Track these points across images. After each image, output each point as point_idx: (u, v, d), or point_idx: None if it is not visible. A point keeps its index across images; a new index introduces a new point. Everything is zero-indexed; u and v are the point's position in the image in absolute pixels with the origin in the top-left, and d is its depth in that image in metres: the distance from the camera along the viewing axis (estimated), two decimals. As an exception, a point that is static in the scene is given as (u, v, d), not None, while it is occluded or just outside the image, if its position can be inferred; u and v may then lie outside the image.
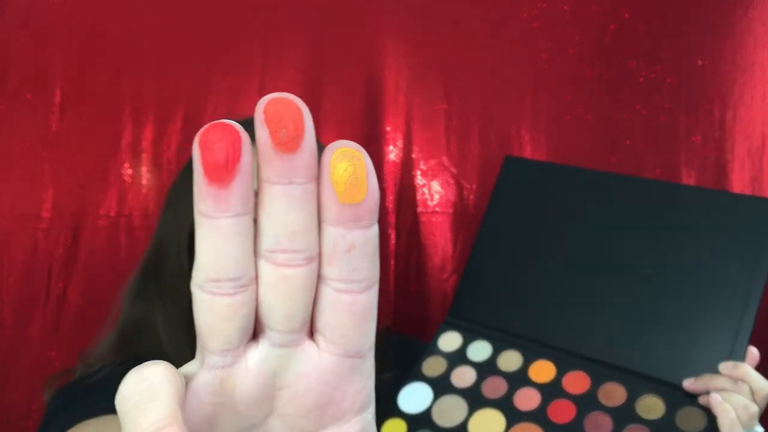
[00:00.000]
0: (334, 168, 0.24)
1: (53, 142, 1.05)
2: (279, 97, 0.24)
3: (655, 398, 0.70)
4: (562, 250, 0.80)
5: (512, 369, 0.76)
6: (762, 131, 1.06)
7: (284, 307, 0.25)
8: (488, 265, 0.84)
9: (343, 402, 0.27)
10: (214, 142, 0.24)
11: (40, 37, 1.05)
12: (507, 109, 1.09)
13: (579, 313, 0.77)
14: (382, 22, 1.09)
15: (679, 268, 0.75)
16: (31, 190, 1.05)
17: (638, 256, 0.77)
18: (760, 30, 1.07)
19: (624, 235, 0.78)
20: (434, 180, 1.09)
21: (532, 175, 0.88)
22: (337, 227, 0.24)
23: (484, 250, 0.85)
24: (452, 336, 0.81)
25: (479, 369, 0.77)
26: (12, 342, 1.04)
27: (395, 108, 1.09)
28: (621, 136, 1.07)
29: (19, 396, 1.04)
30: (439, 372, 0.77)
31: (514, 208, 0.86)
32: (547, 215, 0.83)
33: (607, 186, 0.82)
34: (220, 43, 1.07)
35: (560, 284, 0.79)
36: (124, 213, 1.06)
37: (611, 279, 0.77)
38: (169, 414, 0.22)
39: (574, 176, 0.85)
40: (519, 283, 0.81)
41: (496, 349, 0.78)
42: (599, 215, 0.80)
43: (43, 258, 1.04)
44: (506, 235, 0.85)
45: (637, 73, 1.07)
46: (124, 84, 1.06)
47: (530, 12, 1.08)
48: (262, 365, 0.26)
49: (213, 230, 0.24)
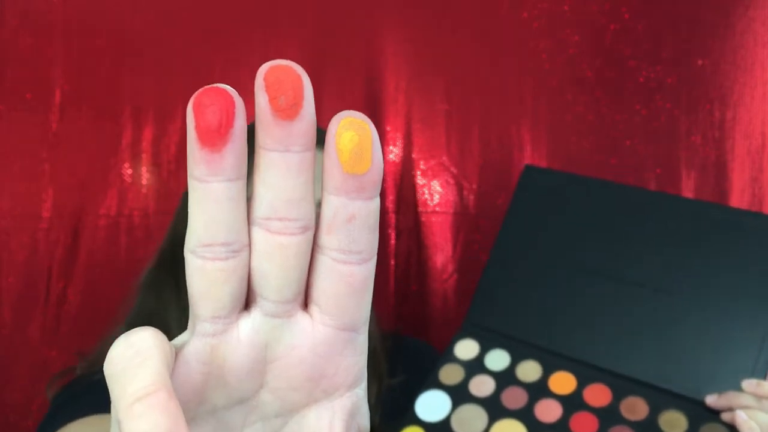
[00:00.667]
0: (339, 137, 0.24)
1: (53, 141, 1.05)
2: (279, 64, 0.24)
3: (677, 413, 0.69)
4: (581, 261, 0.80)
5: (531, 379, 0.75)
6: (762, 131, 1.06)
7: (278, 276, 0.25)
8: (505, 273, 0.83)
9: (336, 376, 0.27)
10: (207, 105, 0.24)
11: (39, 37, 1.05)
12: (507, 108, 1.09)
13: (598, 325, 0.76)
14: (382, 22, 1.09)
15: (701, 283, 0.74)
16: (31, 190, 1.05)
17: (660, 270, 0.76)
18: (760, 30, 1.07)
19: (645, 249, 0.78)
20: (434, 180, 1.09)
21: (552, 185, 0.87)
22: (339, 196, 0.24)
23: (501, 257, 0.84)
24: (469, 344, 0.79)
25: (498, 378, 0.75)
26: (12, 342, 1.04)
27: (395, 108, 1.09)
28: (621, 135, 1.07)
29: (19, 396, 1.04)
30: (456, 380, 0.76)
31: (533, 216, 0.85)
32: (566, 225, 0.83)
33: (628, 199, 0.82)
34: (220, 43, 1.07)
35: (579, 295, 0.78)
36: (124, 213, 1.06)
37: (632, 292, 0.76)
38: (157, 379, 0.21)
39: (594, 188, 0.84)
40: (537, 293, 0.81)
41: (515, 359, 0.77)
42: (620, 228, 0.80)
43: (43, 258, 1.04)
44: (524, 243, 0.84)
45: (637, 73, 1.07)
46: (124, 84, 1.06)
47: (530, 12, 1.08)
48: (254, 336, 0.26)
49: (205, 195, 0.24)
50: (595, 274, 0.78)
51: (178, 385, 0.25)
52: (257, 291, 0.26)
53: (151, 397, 0.21)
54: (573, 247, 0.81)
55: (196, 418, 0.26)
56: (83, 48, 1.06)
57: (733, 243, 0.75)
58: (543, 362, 0.76)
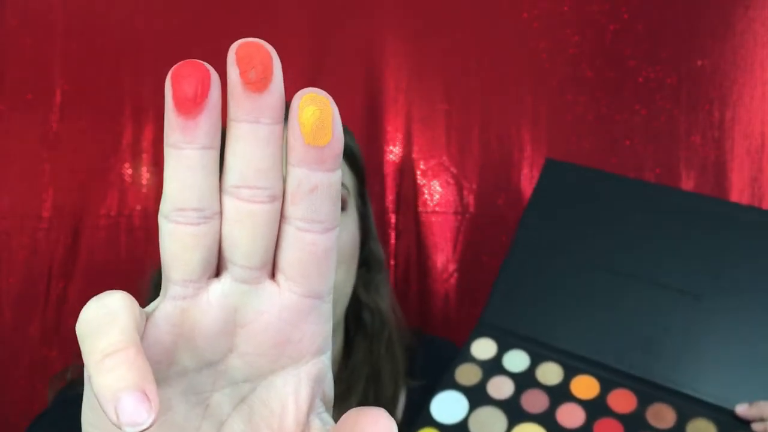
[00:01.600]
0: (301, 111, 0.25)
1: (53, 142, 1.05)
2: (250, 41, 0.26)
3: (706, 422, 0.67)
4: (605, 260, 0.77)
5: (552, 383, 0.72)
6: (762, 131, 1.07)
7: (247, 243, 0.26)
8: (524, 271, 0.80)
9: (301, 343, 0.28)
10: (184, 77, 0.26)
11: (39, 37, 1.06)
12: (507, 108, 1.09)
13: (621, 328, 0.74)
14: (382, 22, 1.09)
15: (732, 288, 0.72)
16: (32, 190, 1.05)
17: (689, 272, 0.74)
18: (760, 30, 1.07)
19: (673, 250, 0.75)
20: (434, 180, 1.10)
21: (574, 180, 0.83)
22: (301, 167, 0.26)
23: (520, 254, 0.81)
24: (486, 343, 0.76)
25: (517, 380, 0.73)
26: (12, 342, 1.04)
27: (395, 108, 1.09)
28: (621, 135, 1.08)
29: (19, 396, 1.04)
30: (473, 381, 0.73)
31: (555, 212, 0.82)
32: (589, 223, 0.80)
33: (654, 197, 0.79)
34: (220, 44, 1.07)
35: (601, 296, 0.75)
36: (124, 213, 1.06)
37: (658, 294, 0.73)
38: (127, 338, 0.22)
39: (618, 184, 0.82)
40: (557, 292, 0.78)
41: (534, 361, 0.74)
42: (646, 227, 0.77)
43: (43, 258, 1.05)
44: (545, 240, 0.81)
45: (636, 73, 1.07)
46: (125, 84, 1.06)
47: (530, 12, 1.09)
48: (223, 300, 0.27)
49: (180, 161, 0.25)
50: (619, 275, 0.76)
51: (149, 345, 0.26)
52: (227, 257, 0.27)
53: (120, 354, 0.22)
54: (596, 245, 0.78)
55: (167, 379, 0.27)
56: (83, 48, 1.06)
57: (765, 249, 0.73)
58: (564, 365, 0.73)
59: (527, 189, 1.08)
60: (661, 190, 0.81)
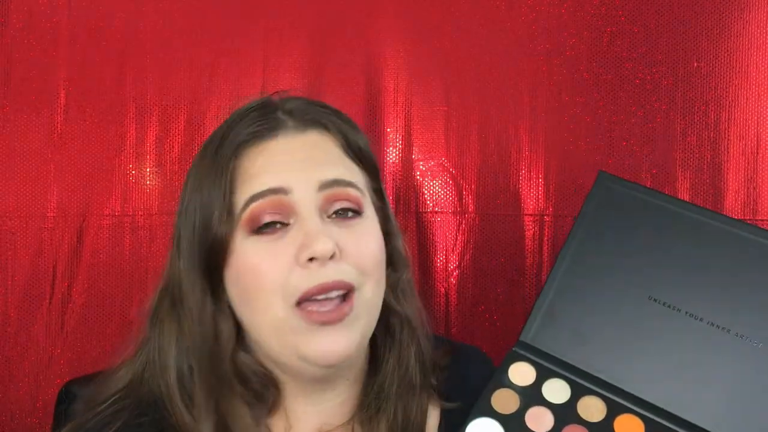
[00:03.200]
0: None
1: (58, 142, 1.07)
2: None
3: None
4: (657, 290, 0.71)
5: (595, 419, 0.67)
6: (757, 132, 1.08)
7: None
8: (568, 293, 0.73)
9: None
10: None
11: (44, 40, 1.07)
12: (506, 110, 1.10)
13: (667, 365, 0.68)
14: (382, 25, 1.10)
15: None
16: (36, 190, 1.06)
17: (743, 313, 0.68)
18: (755, 32, 1.08)
19: (728, 287, 0.69)
20: (434, 180, 1.11)
21: (628, 199, 0.76)
22: None
23: (565, 275, 0.74)
24: (524, 368, 0.71)
25: (557, 413, 0.67)
26: (17, 340, 1.05)
27: (395, 109, 1.10)
28: (617, 136, 1.09)
29: (23, 393, 1.05)
30: (511, 409, 0.68)
31: (606, 231, 0.75)
32: (641, 248, 0.73)
33: (712, 226, 0.72)
34: (222, 46, 1.09)
35: (651, 330, 0.70)
36: (128, 213, 1.07)
37: (709, 333, 0.68)
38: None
39: (674, 208, 0.74)
40: (603, 319, 0.71)
41: (576, 393, 0.69)
42: (701, 260, 0.71)
43: (48, 257, 1.06)
44: (593, 260, 0.74)
45: (633, 75, 1.09)
46: (128, 86, 1.07)
47: (528, 15, 1.10)
48: None
49: None
50: (670, 308, 0.70)
51: None
52: None
53: None
54: (648, 274, 0.72)
55: None
56: (88, 50, 1.07)
57: None
58: (607, 401, 0.68)
59: (525, 189, 1.09)
60: (718, 218, 0.73)
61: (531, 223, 1.09)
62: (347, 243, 0.64)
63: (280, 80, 1.08)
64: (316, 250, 0.61)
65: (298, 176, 0.64)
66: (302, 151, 0.67)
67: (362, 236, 0.66)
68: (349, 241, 0.64)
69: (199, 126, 1.08)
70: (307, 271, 0.62)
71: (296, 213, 0.64)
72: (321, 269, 0.62)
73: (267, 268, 0.62)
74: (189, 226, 0.66)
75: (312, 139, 0.68)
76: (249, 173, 0.65)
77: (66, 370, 1.05)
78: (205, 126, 1.08)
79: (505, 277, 1.09)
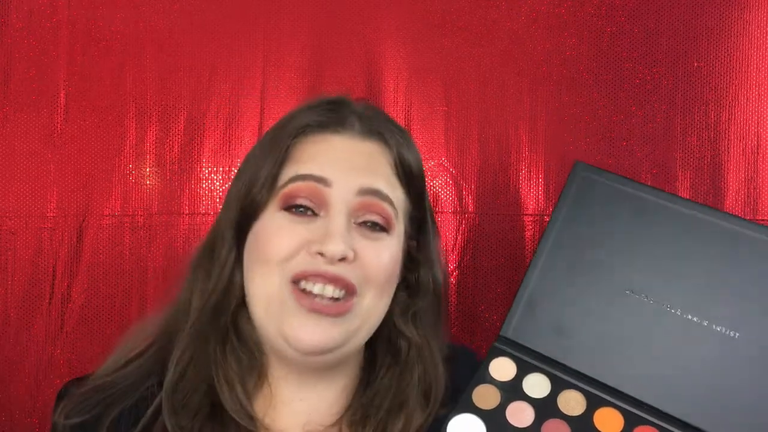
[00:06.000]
0: None
1: (58, 143, 1.07)
2: None
3: None
4: (635, 282, 0.70)
5: (575, 413, 0.67)
6: (757, 132, 1.08)
7: None
8: (547, 286, 0.73)
9: None
10: None
11: (44, 40, 1.07)
12: (505, 110, 1.10)
13: (647, 358, 0.68)
14: (382, 25, 1.10)
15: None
16: (36, 190, 1.06)
17: (727, 307, 0.67)
18: (755, 32, 1.08)
19: (709, 281, 0.69)
20: (434, 180, 1.11)
21: (606, 189, 0.75)
22: None
23: (543, 268, 0.74)
24: (505, 363, 0.71)
25: (538, 408, 0.68)
26: (17, 340, 1.05)
27: (395, 109, 1.10)
28: (617, 136, 1.09)
29: (23, 393, 1.05)
30: (492, 405, 0.68)
31: (583, 223, 0.74)
32: (620, 238, 0.72)
33: (691, 217, 0.71)
34: (222, 46, 1.09)
35: (631, 323, 0.69)
36: (127, 213, 1.07)
37: (691, 328, 0.68)
38: None
39: (653, 198, 0.73)
40: (582, 312, 0.71)
41: (556, 387, 0.69)
42: (683, 252, 0.70)
43: (48, 257, 1.06)
44: (571, 253, 0.73)
45: (633, 75, 1.09)
46: (128, 86, 1.07)
47: (528, 15, 1.10)
48: None
49: None
50: (650, 302, 0.69)
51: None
52: None
53: None
54: (625, 266, 0.71)
55: None
56: (87, 50, 1.07)
57: None
58: (587, 395, 0.68)
59: (525, 189, 1.09)
60: (699, 209, 0.72)
61: (531, 223, 1.09)
62: (365, 251, 0.66)
63: (279, 81, 1.08)
64: (328, 249, 0.64)
65: (342, 174, 0.67)
66: (357, 155, 0.70)
67: (380, 250, 0.68)
68: (367, 251, 0.67)
69: (199, 126, 1.08)
70: (311, 258, 0.64)
71: (328, 207, 0.66)
72: (326, 264, 0.64)
73: (277, 241, 0.66)
74: (238, 185, 0.71)
75: (370, 148, 0.71)
76: (302, 155, 0.69)
77: (66, 370, 1.05)
78: (205, 126, 1.08)
79: (505, 277, 1.09)
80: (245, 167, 0.72)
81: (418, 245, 0.76)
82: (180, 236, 1.08)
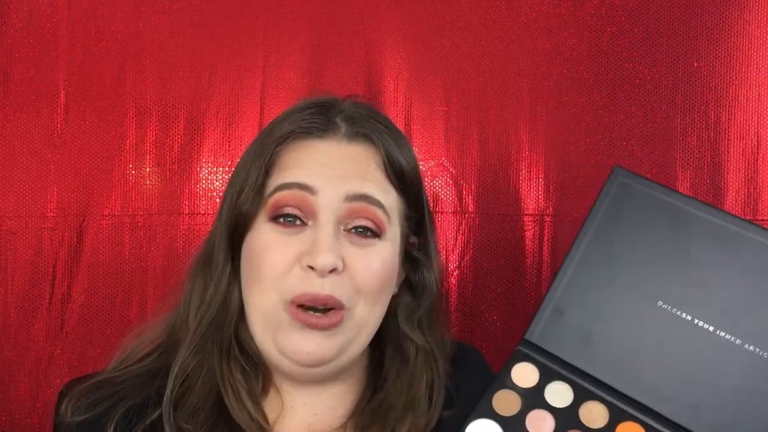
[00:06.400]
0: None
1: (58, 143, 1.07)
2: None
3: None
4: (669, 298, 0.68)
5: (596, 426, 0.65)
6: (757, 132, 1.08)
7: None
8: (577, 292, 0.71)
9: None
10: None
11: (44, 40, 1.07)
12: (505, 110, 1.10)
13: (675, 373, 0.66)
14: (382, 25, 1.10)
15: None
16: (36, 190, 1.06)
17: (759, 328, 0.65)
18: (755, 32, 1.08)
19: (745, 299, 0.66)
20: (434, 180, 1.11)
21: (644, 198, 0.72)
22: None
23: (574, 273, 0.72)
24: (527, 369, 0.69)
25: (559, 418, 0.66)
26: (17, 340, 1.05)
27: (395, 109, 1.10)
28: (617, 136, 1.09)
29: (23, 393, 1.05)
30: (512, 411, 0.66)
31: (618, 230, 0.72)
32: (656, 249, 0.70)
33: (731, 232, 0.69)
34: (222, 46, 1.09)
35: (660, 337, 0.67)
36: (127, 213, 1.07)
37: (722, 346, 0.65)
38: None
39: (693, 209, 0.71)
40: (610, 322, 0.69)
41: (578, 398, 0.67)
42: (719, 267, 0.68)
43: (48, 257, 1.06)
44: (604, 260, 0.71)
45: (633, 75, 1.09)
46: (128, 86, 1.07)
47: (528, 15, 1.10)
48: None
49: None
50: (681, 317, 0.67)
51: None
52: None
53: None
54: (658, 278, 0.69)
55: None
56: (87, 50, 1.07)
57: None
58: (610, 407, 0.66)
59: (525, 189, 1.09)
60: (738, 223, 0.69)
61: (531, 223, 1.09)
62: (354, 261, 0.65)
63: (279, 81, 1.08)
64: (317, 262, 0.63)
65: (328, 181, 0.66)
66: (343, 160, 0.68)
67: (372, 257, 0.67)
68: (357, 260, 0.66)
69: (198, 126, 1.08)
70: (305, 275, 0.64)
71: (316, 216, 0.65)
72: (318, 279, 0.63)
73: (270, 259, 0.65)
74: (230, 193, 0.70)
75: (357, 151, 0.69)
76: (287, 163, 0.68)
77: (66, 370, 1.06)
78: (205, 126, 1.08)
79: (505, 277, 1.09)
80: (236, 175, 0.71)
81: (419, 244, 0.75)
82: (180, 236, 1.08)
